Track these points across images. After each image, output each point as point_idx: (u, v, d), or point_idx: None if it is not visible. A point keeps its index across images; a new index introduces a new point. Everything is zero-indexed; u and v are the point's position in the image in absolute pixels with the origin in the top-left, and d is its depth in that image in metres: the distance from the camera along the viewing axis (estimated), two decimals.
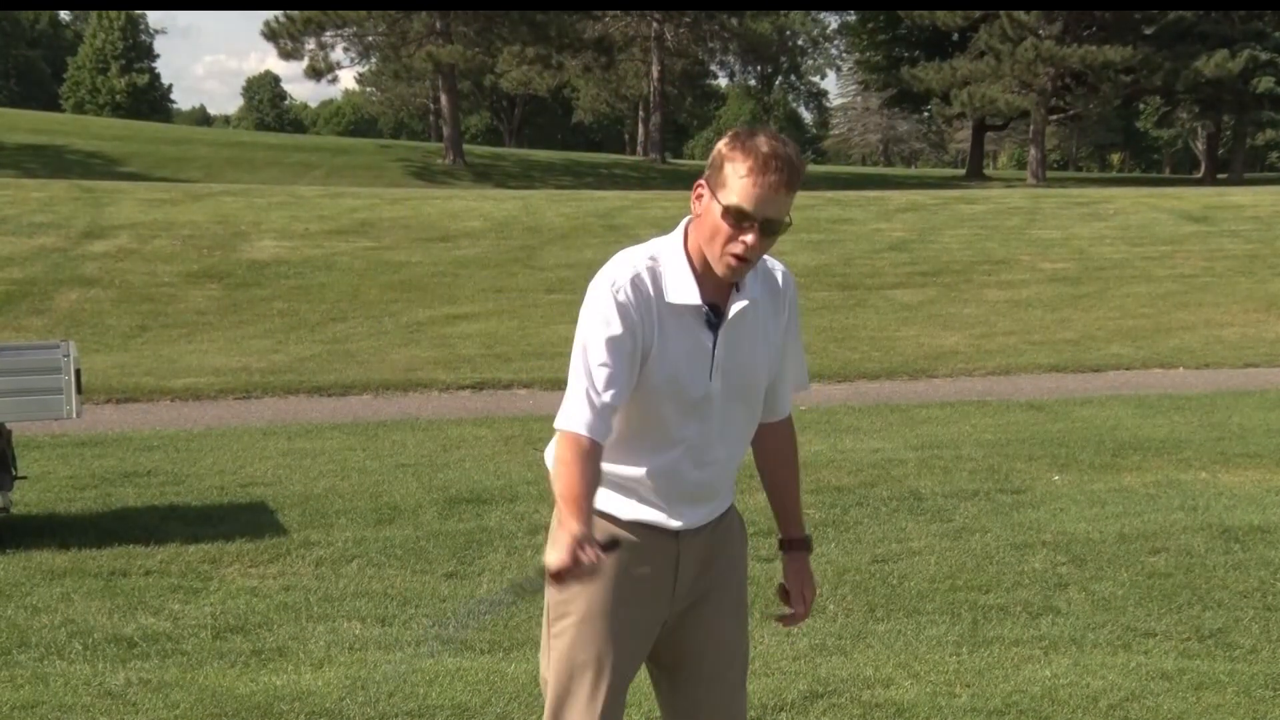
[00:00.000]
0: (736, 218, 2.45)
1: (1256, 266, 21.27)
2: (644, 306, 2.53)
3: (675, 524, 2.66)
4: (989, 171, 60.49)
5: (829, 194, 29.97)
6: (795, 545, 2.87)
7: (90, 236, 19.53)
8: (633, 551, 2.64)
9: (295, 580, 5.82)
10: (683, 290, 2.54)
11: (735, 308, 2.57)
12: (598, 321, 2.52)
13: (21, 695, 4.33)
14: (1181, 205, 27.02)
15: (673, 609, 2.71)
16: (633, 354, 2.51)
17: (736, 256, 2.47)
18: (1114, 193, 31.20)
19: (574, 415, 2.50)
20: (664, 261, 2.57)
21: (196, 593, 5.60)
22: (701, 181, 2.54)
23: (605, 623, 2.63)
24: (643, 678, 2.86)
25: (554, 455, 2.54)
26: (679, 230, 2.61)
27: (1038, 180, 46.02)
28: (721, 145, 2.52)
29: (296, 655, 4.79)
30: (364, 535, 6.63)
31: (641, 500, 2.64)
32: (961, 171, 57.99)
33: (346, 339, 15.54)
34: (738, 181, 2.45)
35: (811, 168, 66.98)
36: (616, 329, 2.50)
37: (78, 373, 6.52)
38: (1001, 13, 44.57)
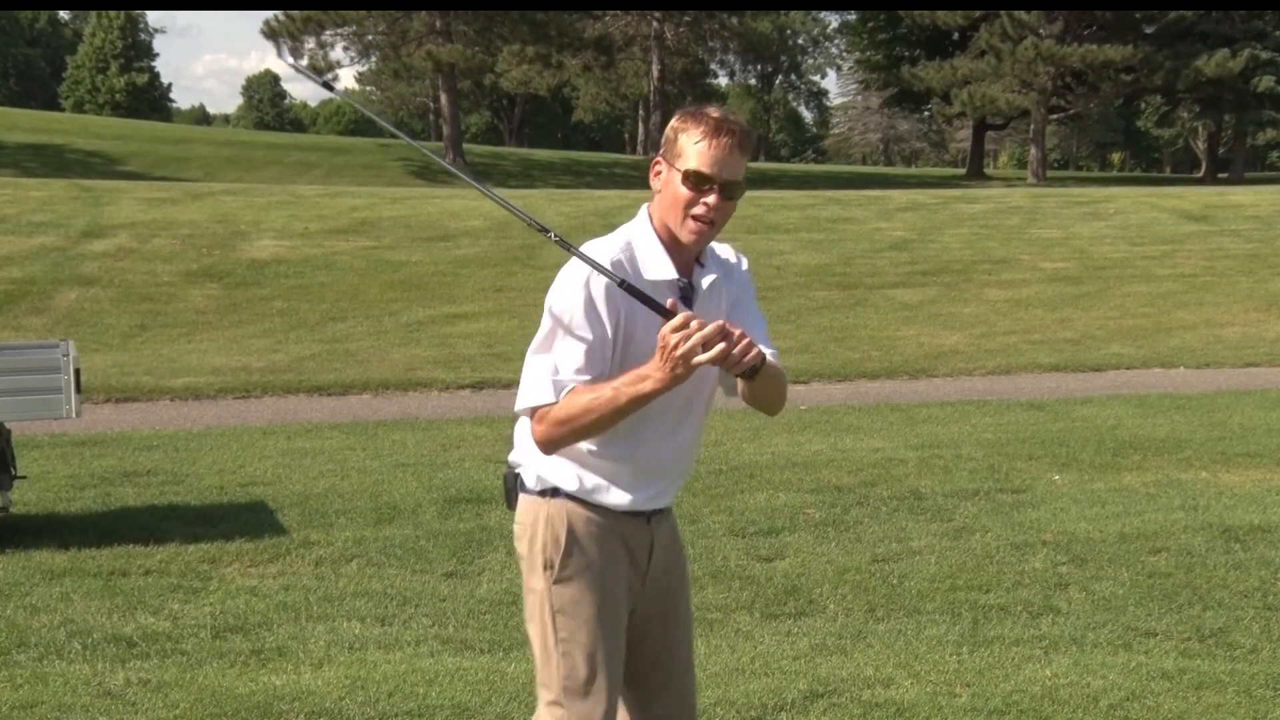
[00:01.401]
0: (697, 181, 2.54)
1: (1257, 266, 21.27)
2: (617, 292, 2.55)
3: (651, 506, 2.71)
4: (989, 171, 60.49)
5: (829, 193, 29.97)
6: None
7: (90, 236, 19.52)
8: (621, 541, 2.68)
9: (295, 580, 5.81)
10: (659, 266, 2.60)
11: (706, 280, 2.65)
12: (576, 304, 2.54)
13: (21, 695, 4.33)
14: (1182, 205, 27.01)
15: (638, 601, 2.75)
16: (610, 339, 2.54)
17: (700, 219, 2.56)
18: (1114, 192, 31.18)
19: (548, 391, 2.53)
20: (637, 243, 2.62)
21: (196, 592, 5.60)
22: (658, 158, 2.62)
23: (610, 621, 2.67)
24: None
25: (559, 423, 2.51)
26: (642, 214, 2.67)
27: (1038, 179, 46.00)
28: (674, 122, 2.60)
29: (296, 655, 4.78)
30: (364, 535, 6.62)
31: (624, 487, 2.66)
32: (962, 171, 57.98)
33: (346, 338, 15.54)
34: (693, 147, 2.54)
35: (812, 167, 67.00)
36: (597, 313, 2.53)
37: (77, 372, 6.51)
38: (1002, 12, 44.55)
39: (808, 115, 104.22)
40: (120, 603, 5.41)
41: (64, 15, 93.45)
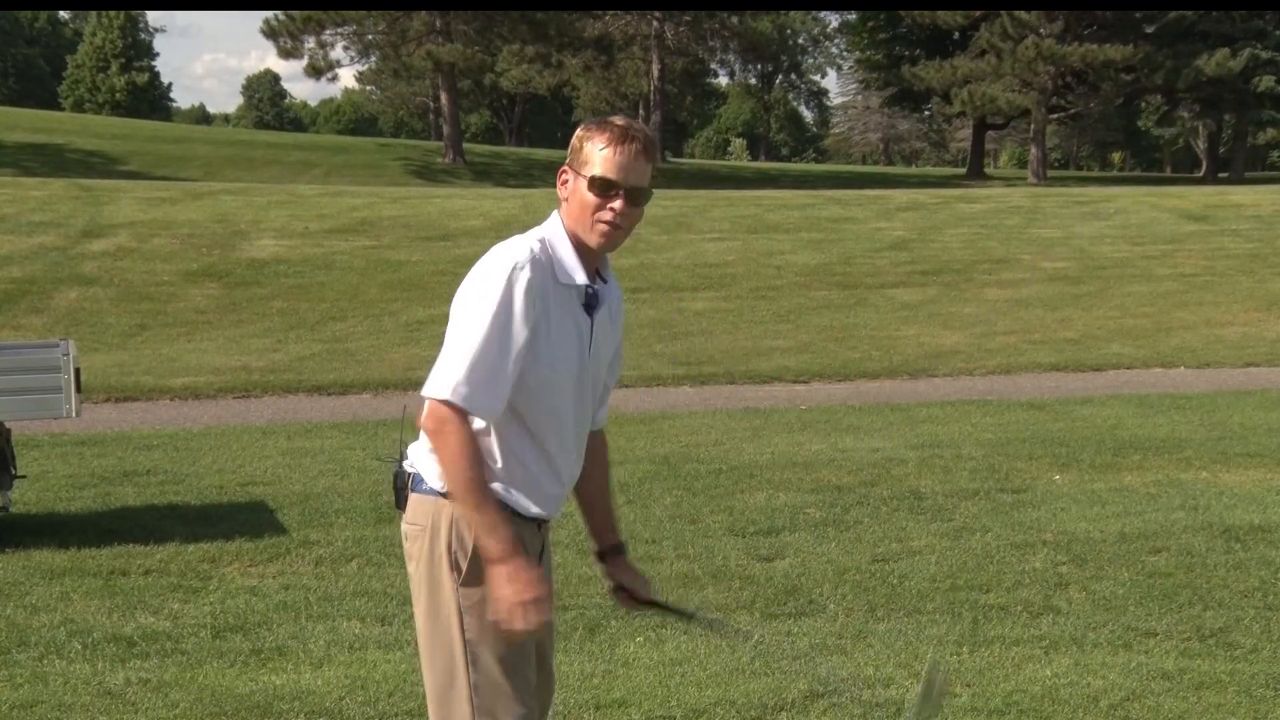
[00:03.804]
0: (603, 187, 2.58)
1: (1257, 266, 21.26)
2: (542, 288, 2.57)
3: (553, 514, 2.76)
4: (990, 170, 60.49)
5: (829, 193, 29.96)
6: (617, 550, 2.95)
7: (89, 235, 19.51)
8: (527, 546, 2.69)
9: (295, 579, 5.81)
10: (573, 270, 2.63)
11: (609, 294, 2.71)
12: (496, 299, 2.52)
13: (21, 695, 4.33)
14: (1182, 204, 27.01)
15: None
16: (527, 339, 2.54)
17: (608, 224, 2.60)
18: (1115, 192, 31.19)
19: (457, 387, 2.51)
20: (553, 244, 2.64)
21: (196, 592, 5.59)
22: (565, 168, 2.65)
23: None
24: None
25: (436, 429, 2.55)
26: (555, 218, 2.68)
27: (1038, 179, 46.02)
28: (579, 132, 2.65)
29: (296, 655, 4.78)
30: (364, 534, 6.62)
31: (533, 496, 2.68)
32: (962, 170, 57.98)
33: (346, 338, 15.54)
34: (599, 154, 2.58)
35: (812, 166, 66.99)
36: (516, 310, 2.52)
37: (77, 371, 6.50)
38: (1002, 11, 44.57)
39: (808, 115, 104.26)
40: (120, 602, 5.40)
41: (64, 15, 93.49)
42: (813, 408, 11.42)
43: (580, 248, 2.64)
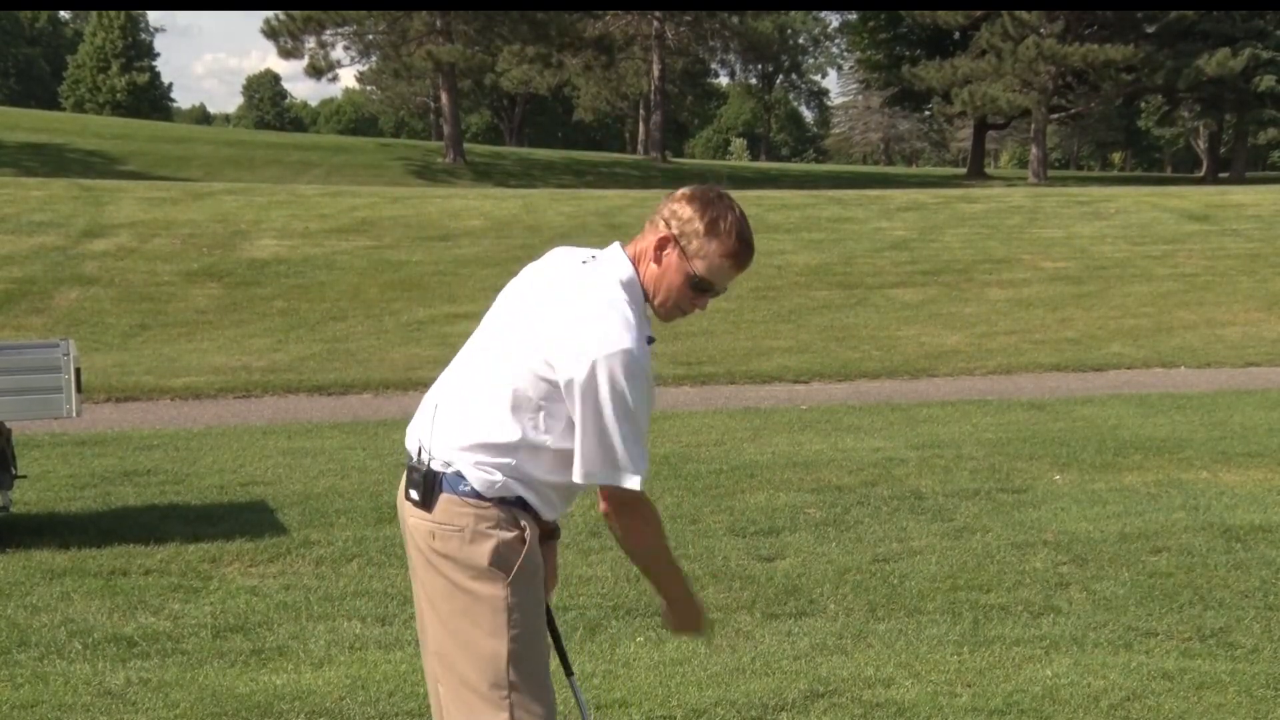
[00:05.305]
0: (703, 288, 2.71)
1: (1258, 266, 21.25)
2: None
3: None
4: (990, 170, 60.49)
5: (830, 193, 29.96)
6: (550, 534, 2.98)
7: (90, 235, 19.51)
8: (541, 551, 2.81)
9: (295, 579, 5.81)
10: (647, 325, 2.73)
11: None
12: (641, 382, 2.60)
13: (21, 695, 4.33)
14: (1183, 204, 27.00)
15: None
16: None
17: (685, 314, 2.76)
18: (1115, 192, 31.18)
19: (639, 474, 2.64)
20: (634, 301, 2.70)
21: (196, 592, 5.60)
22: (671, 236, 2.67)
23: (542, 621, 2.80)
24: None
25: (631, 511, 2.69)
26: (633, 278, 2.70)
27: (1039, 179, 46.01)
28: (707, 211, 2.66)
29: (297, 655, 4.78)
30: (364, 534, 6.62)
31: (555, 506, 2.80)
32: (963, 170, 57.98)
33: (347, 338, 15.53)
34: (718, 261, 2.67)
35: (812, 167, 67.02)
36: (644, 389, 2.62)
37: (77, 371, 6.50)
38: (1003, 11, 44.55)
39: (808, 115, 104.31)
40: (121, 602, 5.40)
41: (64, 15, 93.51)
42: (813, 408, 11.42)
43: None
